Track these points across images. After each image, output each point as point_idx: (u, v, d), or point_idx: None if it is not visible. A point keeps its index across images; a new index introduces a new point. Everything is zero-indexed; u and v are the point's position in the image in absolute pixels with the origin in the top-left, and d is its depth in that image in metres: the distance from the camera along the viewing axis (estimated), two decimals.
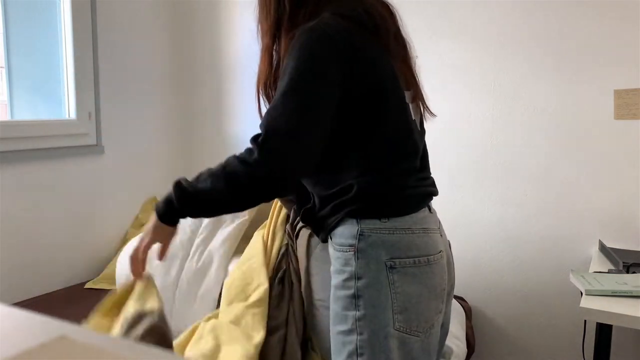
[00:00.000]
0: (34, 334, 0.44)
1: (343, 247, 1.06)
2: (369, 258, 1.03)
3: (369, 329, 1.02)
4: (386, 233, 1.04)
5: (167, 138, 2.87)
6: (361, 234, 1.04)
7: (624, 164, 1.92)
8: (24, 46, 2.33)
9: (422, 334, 1.05)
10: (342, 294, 1.06)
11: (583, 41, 1.96)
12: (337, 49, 1.00)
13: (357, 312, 1.03)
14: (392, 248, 1.03)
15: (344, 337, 1.05)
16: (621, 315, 1.30)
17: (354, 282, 1.04)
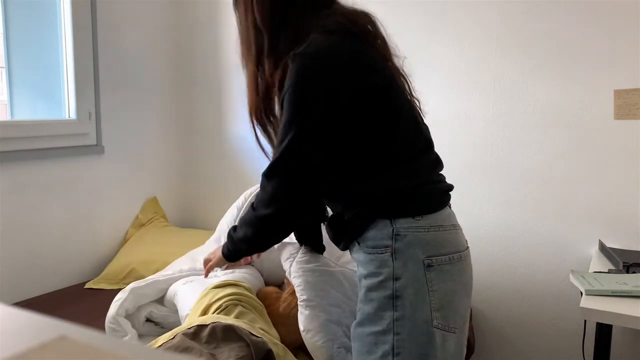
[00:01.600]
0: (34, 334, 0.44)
1: (378, 249, 1.07)
2: (407, 258, 1.04)
3: (407, 328, 1.03)
4: (422, 231, 1.05)
5: (167, 138, 2.87)
6: (397, 234, 1.05)
7: (624, 164, 1.92)
8: (24, 46, 2.33)
9: (458, 329, 1.07)
10: (378, 295, 1.06)
11: (583, 41, 1.95)
12: (330, 70, 1.02)
13: (395, 313, 1.04)
14: (428, 246, 1.05)
15: (376, 337, 1.06)
16: (621, 315, 1.30)
17: (392, 282, 1.04)
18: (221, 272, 1.90)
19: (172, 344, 1.33)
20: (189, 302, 1.69)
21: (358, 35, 1.08)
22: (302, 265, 1.55)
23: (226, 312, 1.53)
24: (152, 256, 2.36)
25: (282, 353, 1.40)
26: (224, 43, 2.78)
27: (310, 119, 1.02)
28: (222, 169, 2.85)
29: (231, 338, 1.34)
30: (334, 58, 1.02)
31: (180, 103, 2.92)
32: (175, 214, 2.93)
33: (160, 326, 1.85)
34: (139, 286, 1.77)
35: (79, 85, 2.39)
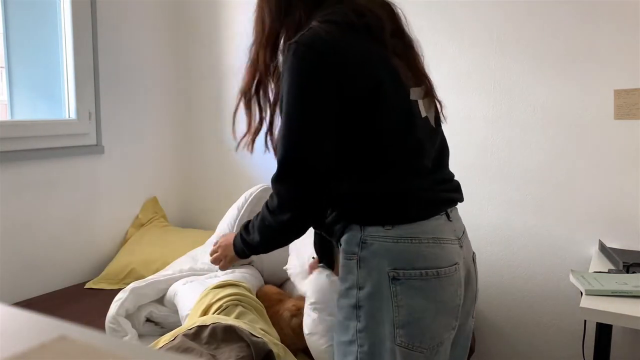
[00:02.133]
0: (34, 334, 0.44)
1: (347, 255, 1.03)
2: (371, 267, 0.99)
3: (369, 342, 0.99)
4: (390, 242, 0.98)
5: (167, 138, 2.87)
6: (364, 242, 1.00)
7: (624, 164, 1.92)
8: (24, 46, 2.33)
9: (427, 350, 0.99)
10: (344, 303, 1.03)
11: (583, 41, 1.95)
12: (324, 60, 0.98)
13: (357, 323, 1.00)
14: (396, 258, 0.98)
15: (345, 347, 1.03)
16: (621, 315, 1.30)
17: (356, 291, 1.00)
18: (222, 272, 1.90)
19: (173, 344, 1.33)
20: (189, 303, 1.69)
21: (360, 29, 1.03)
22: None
23: (226, 312, 1.53)
24: (152, 256, 2.36)
25: (283, 353, 1.40)
26: (224, 43, 2.77)
27: (306, 112, 0.99)
28: (222, 169, 2.85)
29: (232, 339, 1.34)
30: (326, 49, 0.98)
31: (180, 103, 2.92)
32: (175, 214, 2.93)
33: (160, 326, 1.85)
34: (140, 286, 1.77)
35: (79, 85, 2.39)
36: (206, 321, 1.42)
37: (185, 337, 1.35)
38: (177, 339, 1.35)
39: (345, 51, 0.99)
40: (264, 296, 1.77)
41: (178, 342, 1.34)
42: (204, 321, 1.42)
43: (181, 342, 1.33)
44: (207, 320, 1.43)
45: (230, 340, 1.34)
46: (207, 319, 1.44)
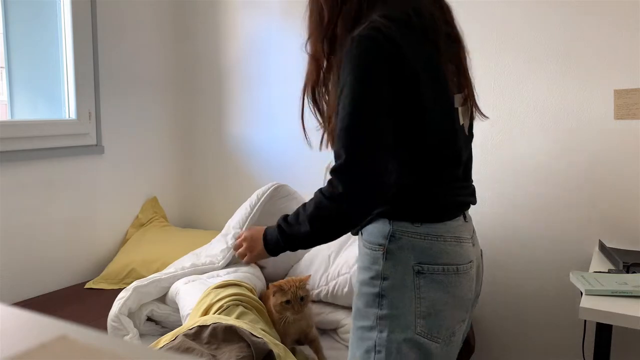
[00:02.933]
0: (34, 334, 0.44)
1: (373, 246, 1.07)
2: (397, 260, 1.04)
3: (389, 329, 1.04)
4: (417, 238, 1.04)
5: (167, 138, 2.87)
6: (392, 235, 1.05)
7: (624, 164, 1.92)
8: (24, 46, 2.33)
9: (442, 340, 1.05)
10: (367, 291, 1.07)
11: (583, 41, 1.95)
12: (387, 56, 0.99)
13: (379, 311, 1.05)
14: (422, 253, 1.04)
15: (363, 332, 1.07)
16: (621, 315, 1.30)
17: (380, 281, 1.05)
18: (223, 271, 1.91)
19: (173, 344, 1.33)
20: (190, 302, 1.69)
21: (416, 28, 1.04)
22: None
23: (227, 312, 1.53)
24: (152, 256, 2.36)
25: (283, 354, 1.40)
26: (224, 43, 2.77)
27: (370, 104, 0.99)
28: (222, 168, 2.85)
29: (232, 339, 1.34)
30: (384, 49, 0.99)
31: (180, 103, 2.92)
32: (175, 214, 2.93)
33: (161, 325, 1.85)
34: (142, 284, 1.78)
35: (79, 85, 2.39)
36: (207, 321, 1.42)
37: (186, 337, 1.35)
38: (178, 339, 1.35)
39: (403, 52, 1.00)
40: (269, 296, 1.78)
41: (178, 342, 1.34)
42: (205, 321, 1.42)
43: (182, 342, 1.33)
44: (207, 320, 1.43)
45: (230, 341, 1.34)
46: (208, 319, 1.44)
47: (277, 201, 2.07)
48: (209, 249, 2.03)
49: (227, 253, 1.95)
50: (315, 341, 1.67)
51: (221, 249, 1.97)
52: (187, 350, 1.29)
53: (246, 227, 1.96)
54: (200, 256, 2.02)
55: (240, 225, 1.97)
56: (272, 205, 2.07)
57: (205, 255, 2.00)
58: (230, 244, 1.96)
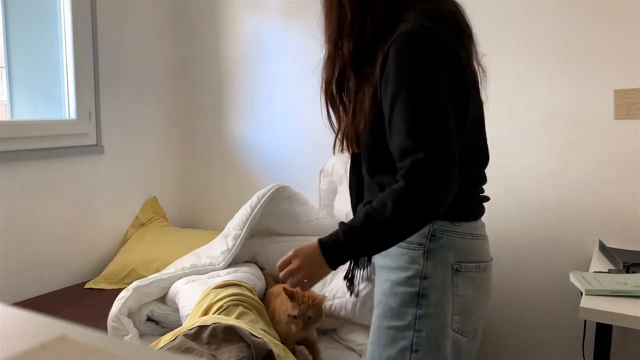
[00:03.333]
0: (34, 334, 0.44)
1: (411, 245, 1.06)
2: (438, 259, 1.05)
3: (428, 327, 1.04)
4: (457, 236, 1.06)
5: (167, 138, 2.87)
6: (433, 235, 1.05)
7: (624, 164, 1.92)
8: (24, 46, 2.33)
9: (470, 335, 1.09)
10: (404, 291, 1.06)
11: (583, 41, 1.95)
12: (442, 52, 0.99)
13: (418, 310, 1.05)
14: (460, 251, 1.06)
15: (397, 332, 1.06)
16: (621, 315, 1.30)
17: (420, 280, 1.05)
18: (224, 272, 1.91)
19: (173, 345, 1.33)
20: (190, 302, 1.69)
21: (454, 28, 1.05)
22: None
23: (227, 312, 1.53)
24: (152, 256, 2.36)
25: (283, 354, 1.40)
26: (224, 43, 2.77)
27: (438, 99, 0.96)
28: (222, 168, 2.85)
29: (232, 339, 1.34)
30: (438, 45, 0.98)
31: (180, 103, 2.92)
32: (175, 214, 2.93)
33: (161, 325, 1.85)
34: (143, 285, 1.78)
35: (79, 85, 2.39)
36: (207, 321, 1.42)
37: (186, 337, 1.35)
38: (178, 339, 1.35)
39: (453, 50, 1.00)
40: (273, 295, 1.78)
41: (178, 342, 1.34)
42: (205, 321, 1.42)
43: (181, 342, 1.33)
44: (207, 320, 1.43)
45: (230, 341, 1.34)
46: (208, 319, 1.44)
47: (278, 202, 2.07)
48: (210, 250, 2.03)
49: (228, 255, 1.95)
50: (315, 345, 1.66)
51: (221, 250, 1.97)
52: (187, 351, 1.29)
53: (246, 228, 1.96)
54: (200, 257, 2.02)
55: (241, 227, 1.97)
56: (274, 207, 2.07)
57: (205, 256, 2.00)
58: (230, 245, 1.96)
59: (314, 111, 2.56)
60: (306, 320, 1.57)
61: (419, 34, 0.98)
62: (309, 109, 2.56)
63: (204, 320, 1.43)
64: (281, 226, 2.14)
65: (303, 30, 2.54)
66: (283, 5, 2.58)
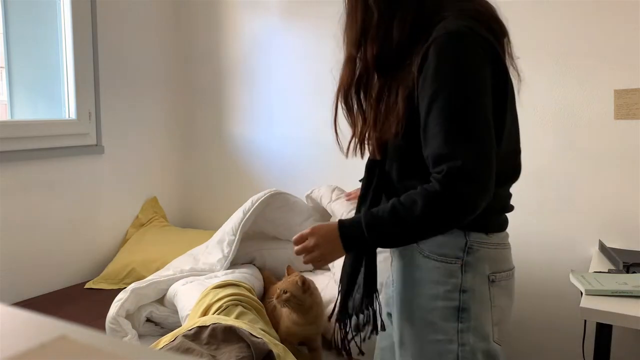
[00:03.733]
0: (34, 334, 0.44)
1: (447, 259, 1.04)
2: (475, 272, 1.03)
3: (472, 341, 1.03)
4: (491, 248, 1.05)
5: (167, 138, 2.87)
6: (470, 247, 1.03)
7: (624, 164, 1.92)
8: (24, 46, 2.33)
9: (502, 342, 1.09)
10: (443, 305, 1.04)
11: (583, 41, 1.95)
12: (485, 55, 0.96)
13: (459, 324, 1.03)
14: (494, 262, 1.05)
15: (440, 345, 1.04)
16: (621, 315, 1.30)
17: (459, 294, 1.03)
18: (222, 272, 1.91)
19: (173, 345, 1.33)
20: (189, 303, 1.69)
21: (495, 30, 1.02)
22: None
23: (226, 312, 1.53)
24: (152, 256, 2.36)
25: (283, 353, 1.40)
26: (224, 43, 2.77)
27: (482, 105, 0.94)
28: (222, 169, 2.85)
29: (232, 339, 1.34)
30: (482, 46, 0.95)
31: (180, 103, 2.92)
32: (175, 214, 2.93)
33: (160, 326, 1.85)
34: (140, 287, 1.78)
35: (79, 85, 2.39)
36: (206, 321, 1.42)
37: (186, 337, 1.35)
38: (177, 340, 1.35)
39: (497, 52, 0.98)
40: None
41: (178, 342, 1.34)
42: (204, 321, 1.42)
43: (181, 343, 1.33)
44: (207, 320, 1.43)
45: (230, 341, 1.34)
46: (207, 320, 1.44)
47: (274, 210, 2.07)
48: (206, 255, 2.03)
49: (225, 262, 1.95)
50: (318, 350, 1.66)
51: (218, 258, 1.97)
52: (187, 351, 1.29)
53: (239, 232, 1.96)
54: (198, 262, 2.02)
55: (234, 232, 1.97)
56: (269, 213, 2.07)
57: (202, 262, 2.00)
58: (226, 252, 1.95)
59: (314, 111, 2.56)
60: (285, 298, 1.55)
61: (462, 34, 0.95)
62: (309, 109, 2.56)
63: (204, 321, 1.43)
64: (276, 232, 2.14)
65: (303, 30, 2.54)
66: (283, 5, 2.58)
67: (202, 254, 2.06)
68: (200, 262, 2.01)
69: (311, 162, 2.55)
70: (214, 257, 1.98)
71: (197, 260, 2.04)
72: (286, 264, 2.08)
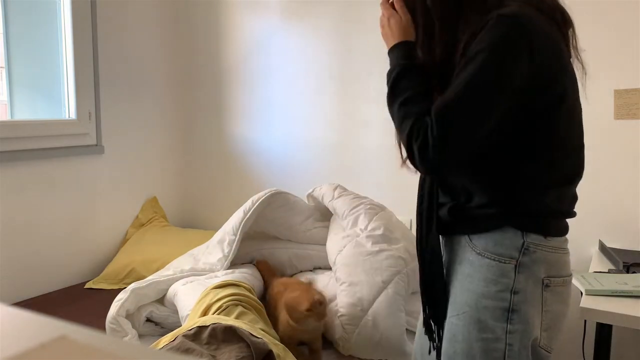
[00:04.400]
0: (34, 334, 0.44)
1: (502, 258, 1.03)
2: (529, 274, 1.02)
3: (519, 343, 1.02)
4: (549, 251, 1.03)
5: (167, 138, 2.87)
6: (526, 248, 1.02)
7: (624, 164, 1.92)
8: (24, 46, 2.33)
9: (553, 350, 1.07)
10: (493, 305, 1.03)
11: (583, 41, 1.95)
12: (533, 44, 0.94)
13: (508, 325, 1.03)
14: (550, 266, 1.03)
15: (487, 344, 1.04)
16: (621, 315, 1.30)
17: (510, 295, 1.02)
18: (222, 272, 1.91)
19: (173, 345, 1.33)
20: (189, 303, 1.69)
21: (558, 21, 1.01)
22: None
23: (226, 312, 1.52)
24: (152, 256, 2.36)
25: (283, 353, 1.40)
26: (224, 43, 2.78)
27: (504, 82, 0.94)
28: (222, 168, 2.85)
29: (232, 339, 1.34)
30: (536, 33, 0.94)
31: (180, 103, 2.92)
32: (175, 214, 2.93)
33: (161, 326, 1.85)
34: (140, 287, 1.78)
35: (79, 85, 2.39)
36: (206, 321, 1.42)
37: (186, 337, 1.35)
38: (177, 340, 1.35)
39: (549, 43, 0.97)
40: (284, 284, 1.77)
41: (178, 342, 1.34)
42: (204, 321, 1.42)
43: (181, 343, 1.33)
44: (207, 320, 1.43)
45: (230, 341, 1.34)
46: (207, 320, 1.44)
47: (274, 209, 2.07)
48: (207, 255, 2.03)
49: (225, 261, 1.95)
50: (318, 352, 1.66)
51: (218, 257, 1.97)
52: (187, 351, 1.29)
53: (240, 232, 1.96)
54: (198, 262, 2.02)
55: (234, 232, 1.97)
56: (269, 212, 2.07)
57: (203, 262, 2.00)
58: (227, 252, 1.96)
59: (314, 111, 2.57)
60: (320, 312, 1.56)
61: (514, 16, 0.94)
62: (309, 109, 2.56)
63: (204, 321, 1.43)
64: (276, 232, 2.14)
65: (303, 30, 2.54)
66: (283, 5, 2.58)
67: (203, 253, 2.06)
68: (200, 262, 2.00)
69: (311, 162, 2.55)
70: (214, 257, 1.98)
71: (198, 260, 2.03)
72: (286, 264, 2.09)
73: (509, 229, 1.02)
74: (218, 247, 2.00)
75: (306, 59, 2.54)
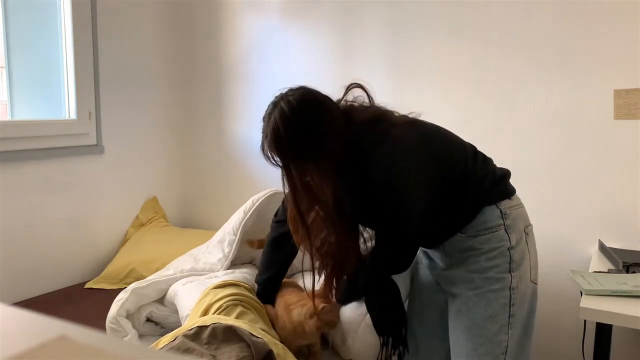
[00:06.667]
0: (34, 334, 0.44)
1: (492, 229, 1.31)
2: (514, 229, 1.32)
3: (520, 284, 1.31)
4: (519, 208, 1.37)
5: (167, 138, 2.87)
6: (505, 213, 1.32)
7: (624, 164, 1.92)
8: (24, 46, 2.33)
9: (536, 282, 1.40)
10: (499, 262, 1.31)
11: (583, 41, 1.95)
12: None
13: (511, 274, 1.31)
14: (523, 218, 1.37)
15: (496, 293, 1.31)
16: (621, 315, 1.30)
17: (508, 251, 1.31)
18: (222, 272, 1.90)
19: (173, 345, 1.33)
20: (189, 303, 1.69)
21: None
22: None
23: (227, 312, 1.52)
24: (152, 256, 2.36)
25: (283, 353, 1.40)
26: (224, 43, 2.78)
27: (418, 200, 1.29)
28: (222, 168, 2.85)
29: (232, 339, 1.34)
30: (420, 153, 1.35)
31: (180, 103, 2.92)
32: (175, 214, 2.93)
33: (161, 326, 1.85)
34: (141, 286, 1.77)
35: (79, 85, 2.39)
36: (206, 321, 1.42)
37: (186, 337, 1.35)
38: (177, 340, 1.35)
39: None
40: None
41: (178, 342, 1.34)
42: (204, 321, 1.42)
43: (181, 343, 1.33)
44: (207, 320, 1.43)
45: (230, 341, 1.34)
46: (207, 319, 1.44)
47: (275, 209, 2.07)
48: (207, 255, 2.02)
49: (225, 261, 1.95)
50: (317, 354, 1.65)
51: (218, 257, 1.96)
52: (187, 351, 1.29)
53: (240, 232, 1.96)
54: (198, 262, 2.02)
55: (234, 232, 1.97)
56: (270, 212, 2.07)
57: (203, 262, 2.00)
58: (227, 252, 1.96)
59: None
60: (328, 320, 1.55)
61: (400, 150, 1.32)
62: None
63: (204, 321, 1.43)
64: None
65: (303, 30, 2.54)
66: (283, 5, 2.58)
67: (203, 253, 2.06)
68: (200, 262, 2.00)
69: None
70: (215, 257, 1.98)
71: (198, 260, 2.03)
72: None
73: (485, 208, 1.32)
74: (218, 247, 2.00)
75: (306, 59, 2.54)
